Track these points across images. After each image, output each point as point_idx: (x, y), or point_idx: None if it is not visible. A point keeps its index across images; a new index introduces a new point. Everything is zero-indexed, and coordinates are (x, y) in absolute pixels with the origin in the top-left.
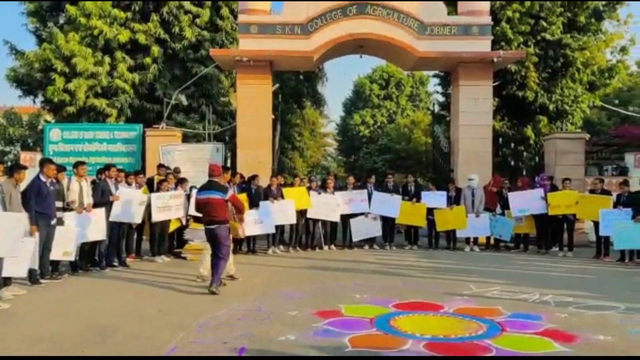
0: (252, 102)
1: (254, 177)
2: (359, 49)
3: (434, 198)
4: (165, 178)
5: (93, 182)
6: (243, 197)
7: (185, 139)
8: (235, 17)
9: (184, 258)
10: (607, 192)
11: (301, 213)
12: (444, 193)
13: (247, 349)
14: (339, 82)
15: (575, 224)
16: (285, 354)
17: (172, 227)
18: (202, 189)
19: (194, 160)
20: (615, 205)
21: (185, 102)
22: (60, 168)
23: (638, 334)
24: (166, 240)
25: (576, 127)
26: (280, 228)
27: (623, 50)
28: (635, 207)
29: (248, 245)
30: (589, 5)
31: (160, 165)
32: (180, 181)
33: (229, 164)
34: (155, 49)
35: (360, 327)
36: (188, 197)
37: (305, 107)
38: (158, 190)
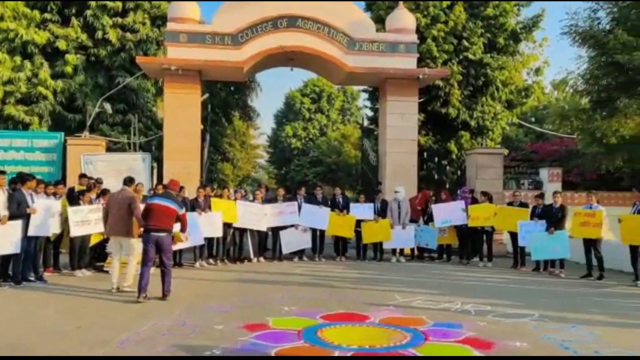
0: (181, 111)
1: (180, 188)
2: (289, 61)
3: (362, 210)
4: (88, 189)
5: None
6: None
7: (110, 148)
8: (154, 20)
9: (106, 272)
10: (524, 205)
11: (228, 225)
12: (372, 205)
13: None
14: (270, 94)
15: (494, 235)
16: None
17: (94, 240)
18: (157, 196)
19: (119, 171)
20: (531, 217)
21: (110, 110)
22: None
23: (550, 340)
24: (87, 254)
25: (495, 143)
26: (207, 241)
27: (538, 71)
28: (548, 220)
29: (174, 258)
30: (507, 28)
31: (82, 175)
32: (102, 193)
33: (155, 175)
34: (74, 57)
35: (287, 339)
36: None
37: (234, 119)
38: (79, 201)
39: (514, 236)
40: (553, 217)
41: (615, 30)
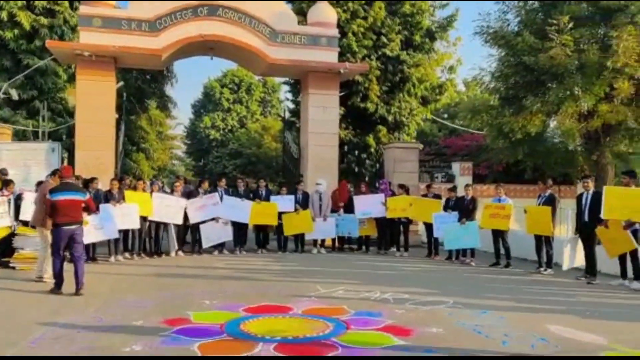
0: (94, 99)
1: (91, 179)
2: (209, 50)
3: (283, 202)
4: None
5: None
6: None
7: (17, 137)
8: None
9: (13, 268)
10: (438, 196)
11: (144, 218)
12: (292, 197)
13: None
14: (188, 83)
15: (410, 226)
16: None
17: (0, 234)
18: (59, 190)
19: (26, 161)
20: (444, 209)
21: (15, 96)
22: None
23: (464, 325)
24: None
25: (411, 137)
26: (123, 234)
27: (451, 69)
28: (460, 211)
29: (87, 253)
30: (423, 26)
31: None
32: (6, 184)
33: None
34: None
35: (210, 333)
36: (17, 201)
37: (151, 108)
38: None
39: (428, 227)
40: (465, 209)
41: (523, 33)
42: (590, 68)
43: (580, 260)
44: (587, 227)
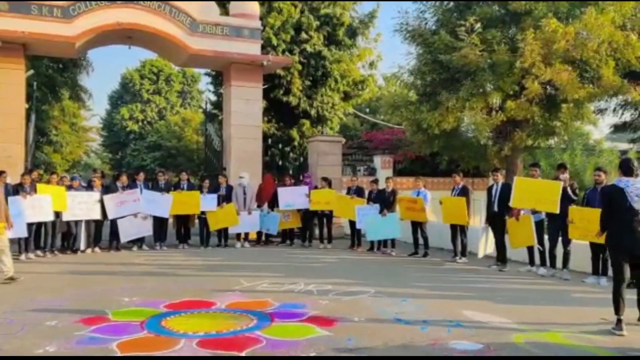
0: (1, 88)
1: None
2: (127, 39)
3: (205, 201)
4: None
5: None
6: None
7: None
8: None
9: None
10: (361, 189)
11: (57, 213)
12: (215, 196)
13: None
14: (104, 73)
15: (333, 218)
16: None
17: None
18: None
19: None
20: (367, 201)
21: None
22: None
23: (385, 313)
24: None
25: (334, 131)
26: (35, 228)
27: (372, 64)
28: (382, 203)
29: None
30: (344, 22)
31: None
32: None
33: None
34: None
35: (129, 331)
36: None
37: (63, 99)
38: None
39: (351, 220)
40: (386, 201)
41: (440, 31)
42: (501, 67)
43: (492, 249)
44: (497, 217)
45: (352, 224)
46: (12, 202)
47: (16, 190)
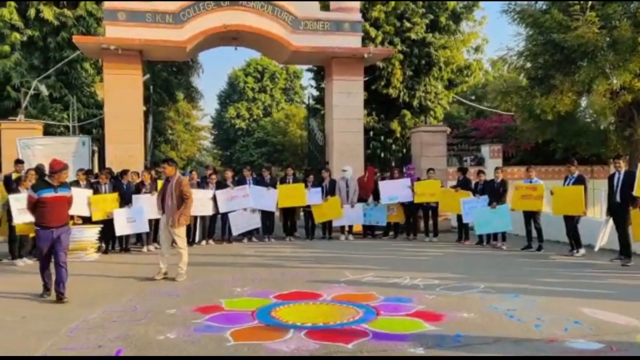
0: (121, 92)
1: (124, 172)
2: (233, 40)
3: (310, 195)
4: (26, 176)
5: None
6: (114, 196)
7: (48, 132)
8: None
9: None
10: (468, 180)
11: None
12: (319, 190)
13: (124, 351)
14: (213, 73)
15: (439, 211)
16: (165, 353)
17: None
18: (43, 186)
19: (58, 155)
20: (473, 193)
21: (45, 92)
22: None
23: (496, 310)
24: (28, 242)
25: (438, 121)
26: (155, 224)
27: (478, 49)
28: (490, 194)
29: (120, 243)
30: (448, 7)
31: (17, 161)
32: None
33: (96, 159)
34: (13, 35)
35: (241, 320)
36: None
37: (178, 100)
38: (18, 187)
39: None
40: (495, 192)
41: (551, 10)
42: (623, 44)
43: (613, 242)
44: (619, 208)
45: (460, 216)
46: (135, 200)
47: (138, 188)
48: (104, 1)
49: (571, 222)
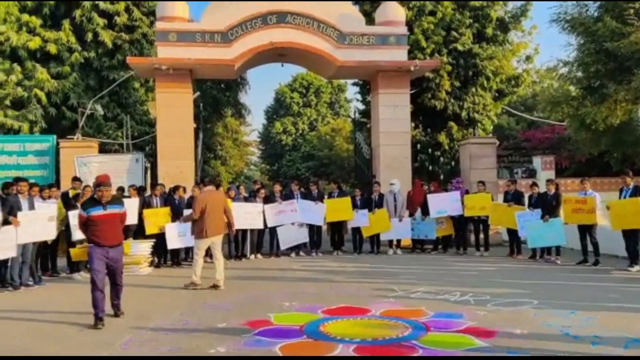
0: (173, 110)
1: (176, 188)
2: (280, 57)
3: (358, 217)
4: (84, 193)
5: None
6: (166, 210)
7: (103, 149)
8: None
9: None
10: (520, 194)
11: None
12: (366, 212)
13: None
14: (260, 90)
15: (490, 224)
16: None
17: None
18: (91, 205)
19: (113, 172)
20: (527, 206)
21: (101, 111)
22: None
23: (551, 326)
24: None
25: (487, 132)
26: None
27: (528, 58)
28: (543, 207)
29: (172, 258)
30: (492, 18)
31: (75, 178)
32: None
33: (149, 175)
34: (73, 56)
35: (290, 335)
36: None
37: (226, 116)
38: (75, 204)
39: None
40: (548, 205)
41: (604, 17)
42: None
43: None
44: None
45: (510, 229)
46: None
47: (189, 203)
48: (156, 22)
49: (631, 236)
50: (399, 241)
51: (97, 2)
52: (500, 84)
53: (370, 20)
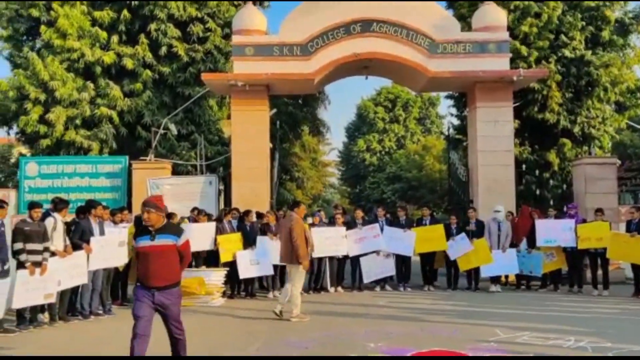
0: (248, 129)
1: (247, 212)
2: (364, 69)
3: (456, 245)
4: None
5: (72, 221)
6: (237, 236)
7: (175, 171)
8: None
9: None
10: None
11: None
12: (464, 235)
13: None
14: (340, 105)
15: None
16: None
17: None
18: (141, 234)
19: (185, 194)
20: None
21: (174, 130)
22: (36, 205)
23: None
24: None
25: (605, 150)
26: (280, 268)
27: None
28: None
29: (246, 289)
30: (611, 19)
31: None
32: (168, 217)
33: (222, 198)
34: (147, 73)
35: None
36: None
37: (304, 134)
38: None
39: None
40: None
41: None
42: None
43: None
44: None
45: (636, 265)
46: (259, 242)
47: (263, 229)
48: (233, 36)
49: None
50: (499, 277)
51: (171, 12)
52: (620, 95)
53: (466, 24)
